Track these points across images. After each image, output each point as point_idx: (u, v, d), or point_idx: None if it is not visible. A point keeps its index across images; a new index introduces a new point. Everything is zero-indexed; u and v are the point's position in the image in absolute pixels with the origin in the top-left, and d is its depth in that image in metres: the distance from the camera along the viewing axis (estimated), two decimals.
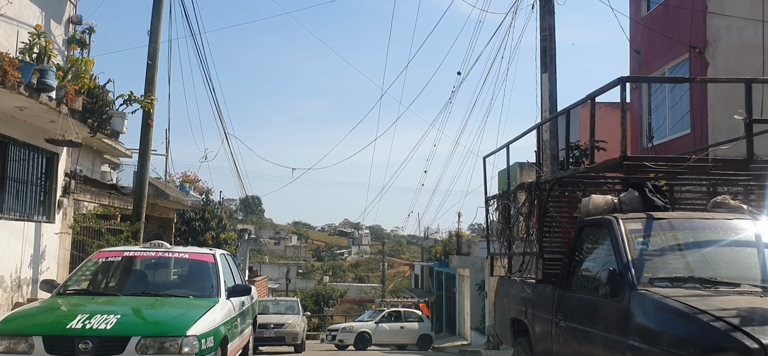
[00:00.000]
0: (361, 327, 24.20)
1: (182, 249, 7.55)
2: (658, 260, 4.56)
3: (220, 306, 6.47)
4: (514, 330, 6.90)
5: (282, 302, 22.44)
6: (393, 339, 24.63)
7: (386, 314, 24.98)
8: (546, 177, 11.60)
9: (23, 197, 9.70)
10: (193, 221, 19.24)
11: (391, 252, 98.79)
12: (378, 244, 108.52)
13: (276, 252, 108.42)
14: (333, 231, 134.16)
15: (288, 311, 21.14)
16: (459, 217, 31.85)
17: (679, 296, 3.96)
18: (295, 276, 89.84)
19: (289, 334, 19.41)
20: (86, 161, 18.52)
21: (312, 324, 38.38)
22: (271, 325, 19.44)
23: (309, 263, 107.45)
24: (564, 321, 5.22)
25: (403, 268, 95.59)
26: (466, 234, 32.61)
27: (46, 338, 5.29)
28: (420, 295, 40.06)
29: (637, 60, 13.93)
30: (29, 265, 9.79)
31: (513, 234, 7.52)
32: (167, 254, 7.24)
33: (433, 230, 41.20)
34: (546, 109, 11.93)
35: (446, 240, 33.25)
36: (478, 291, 26.34)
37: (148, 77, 11.18)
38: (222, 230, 19.55)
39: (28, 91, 7.92)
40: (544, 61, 11.95)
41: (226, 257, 8.10)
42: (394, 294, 75.34)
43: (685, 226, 4.89)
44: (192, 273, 7.31)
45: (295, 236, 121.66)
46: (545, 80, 11.94)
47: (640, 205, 5.42)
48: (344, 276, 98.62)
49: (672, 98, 13.35)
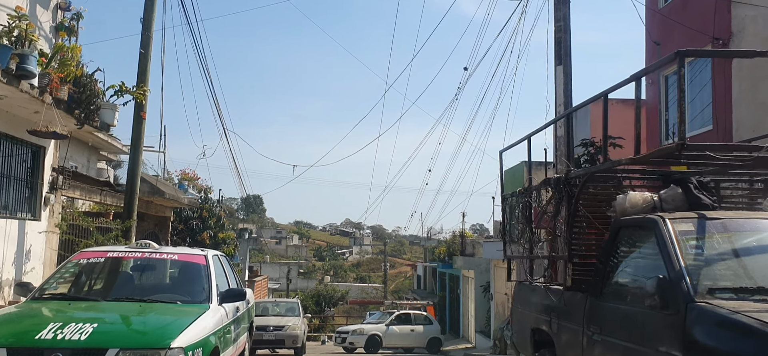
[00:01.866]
0: (371, 330, 23.58)
1: (171, 250, 6.91)
2: (716, 267, 3.92)
3: (211, 313, 5.84)
4: (534, 341, 6.27)
5: (282, 303, 21.81)
6: (403, 342, 24.04)
7: (396, 316, 24.37)
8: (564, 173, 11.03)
9: (6, 193, 9.09)
10: (191, 220, 18.63)
11: (393, 252, 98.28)
12: (379, 244, 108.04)
13: (277, 252, 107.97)
14: (334, 231, 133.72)
15: (288, 313, 20.51)
16: (463, 217, 31.22)
17: (751, 311, 3.33)
18: (297, 275, 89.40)
19: (289, 337, 18.77)
20: (80, 157, 17.92)
21: (313, 325, 37.74)
22: (271, 328, 18.81)
23: (310, 262, 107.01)
24: (599, 335, 4.58)
25: (404, 268, 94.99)
26: (470, 235, 31.96)
27: (12, 350, 4.66)
28: (423, 296, 39.42)
29: (656, 51, 13.28)
30: (12, 265, 9.17)
31: (534, 236, 6.86)
32: (155, 255, 6.61)
33: (437, 231, 40.61)
34: (560, 103, 11.30)
35: (450, 241, 32.61)
36: (482, 293, 25.73)
37: (141, 67, 10.56)
38: (220, 230, 18.94)
39: (6, 77, 7.30)
40: (559, 53, 11.32)
41: (219, 258, 7.46)
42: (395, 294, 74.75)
43: (743, 228, 4.25)
44: (181, 275, 6.68)
45: (296, 235, 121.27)
46: (560, 73, 11.31)
47: (683, 203, 4.78)
48: (346, 276, 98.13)
49: (691, 91, 12.70)
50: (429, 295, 38.78)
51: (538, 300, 6.18)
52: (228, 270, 7.56)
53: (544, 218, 6.36)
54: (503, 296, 21.81)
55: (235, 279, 7.96)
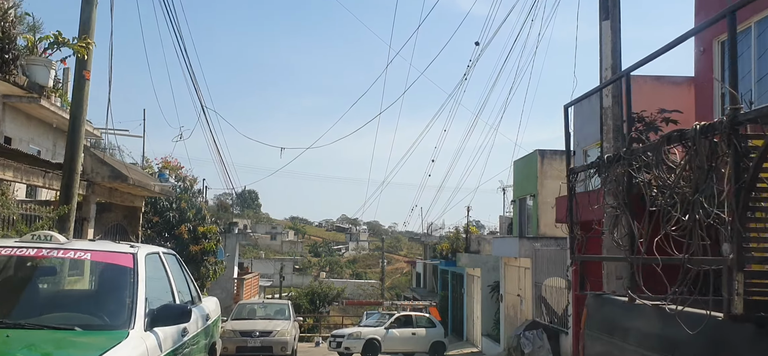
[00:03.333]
0: (369, 334, 21.45)
1: (84, 246, 4.74)
2: None
3: (130, 347, 3.72)
4: None
5: (270, 305, 19.71)
6: (404, 347, 21.93)
7: (396, 318, 22.25)
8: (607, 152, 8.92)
9: None
10: (167, 212, 16.48)
11: (389, 249, 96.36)
12: (376, 240, 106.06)
13: (272, 247, 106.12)
14: (331, 227, 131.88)
15: (277, 315, 18.41)
16: (468, 211, 29.09)
17: None
18: (292, 271, 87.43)
19: (278, 343, 16.68)
20: (45, 141, 15.67)
21: (306, 325, 35.61)
22: (256, 333, 16.71)
23: (306, 258, 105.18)
24: None
25: (401, 264, 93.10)
26: (475, 230, 29.86)
27: None
28: (423, 295, 37.31)
29: None
30: None
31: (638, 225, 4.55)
32: (56, 252, 4.47)
33: (438, 226, 38.53)
34: (607, 67, 9.16)
35: (453, 236, 30.49)
36: (490, 294, 23.64)
37: (84, 16, 8.39)
38: (201, 223, 16.80)
39: None
40: (605, 4, 9.18)
41: (163, 258, 5.28)
42: (392, 291, 72.66)
43: None
44: (95, 285, 4.55)
45: (292, 231, 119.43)
46: (606, 30, 9.17)
47: None
48: (342, 272, 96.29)
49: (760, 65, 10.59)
50: (429, 294, 36.67)
51: (652, 328, 3.84)
52: (176, 277, 5.39)
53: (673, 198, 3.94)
54: (515, 297, 19.71)
55: (189, 288, 5.80)
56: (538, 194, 21.07)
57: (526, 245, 17.53)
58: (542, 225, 21.01)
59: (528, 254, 17.55)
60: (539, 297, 17.44)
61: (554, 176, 21.22)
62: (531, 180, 21.83)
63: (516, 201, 23.91)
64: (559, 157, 21.45)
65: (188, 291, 5.72)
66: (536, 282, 17.54)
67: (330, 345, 21.88)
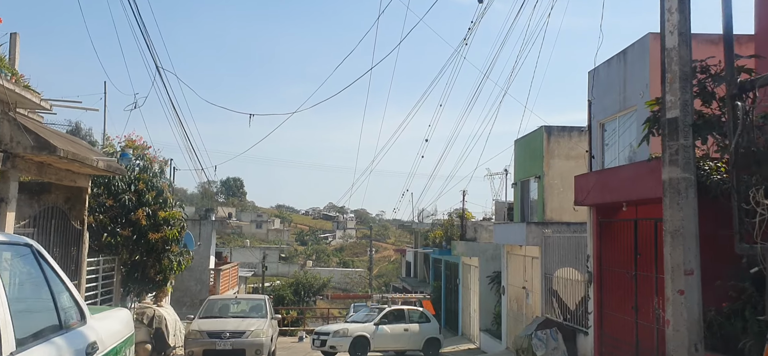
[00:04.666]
0: (357, 330, 19.29)
1: None
2: None
3: None
4: None
5: (244, 301, 17.47)
6: (395, 345, 19.85)
7: (387, 313, 20.12)
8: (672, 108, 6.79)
9: None
10: (123, 195, 14.16)
11: (377, 237, 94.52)
12: (364, 228, 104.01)
13: (258, 236, 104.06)
14: (317, 215, 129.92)
15: (252, 313, 16.20)
16: (464, 195, 26.97)
17: None
18: (278, 260, 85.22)
19: (252, 346, 14.49)
20: None
21: (290, 318, 33.46)
22: (227, 334, 14.50)
23: (292, 247, 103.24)
24: None
25: (388, 252, 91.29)
26: (470, 215, 27.78)
27: None
28: (413, 285, 35.29)
29: None
30: None
31: None
32: None
33: (429, 213, 36.37)
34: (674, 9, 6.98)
35: (447, 223, 28.41)
36: (489, 285, 21.60)
37: None
38: (161, 207, 14.51)
39: None
40: None
41: (35, 254, 3.02)
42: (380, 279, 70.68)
43: None
44: None
45: (278, 219, 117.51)
46: None
47: None
48: (328, 261, 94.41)
49: None
50: (421, 284, 34.64)
51: None
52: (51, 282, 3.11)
53: None
54: (519, 290, 17.67)
55: (68, 298, 3.55)
56: (545, 175, 18.99)
57: (535, 231, 15.45)
58: (549, 210, 18.97)
59: (537, 242, 15.47)
60: (549, 290, 15.39)
61: (562, 156, 19.15)
62: (536, 160, 19.74)
63: (517, 184, 21.84)
64: (567, 134, 19.37)
65: (68, 302, 3.50)
66: (546, 274, 15.48)
67: (313, 343, 19.73)
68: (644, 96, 12.94)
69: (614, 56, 14.37)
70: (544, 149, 19.13)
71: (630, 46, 13.65)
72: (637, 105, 13.19)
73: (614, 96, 14.25)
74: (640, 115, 13.10)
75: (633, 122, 13.52)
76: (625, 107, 13.76)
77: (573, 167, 19.11)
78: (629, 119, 13.80)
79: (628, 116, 13.77)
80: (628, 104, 13.67)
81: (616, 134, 14.33)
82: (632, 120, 13.54)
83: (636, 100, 13.21)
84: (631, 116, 13.65)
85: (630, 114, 13.64)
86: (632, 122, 13.61)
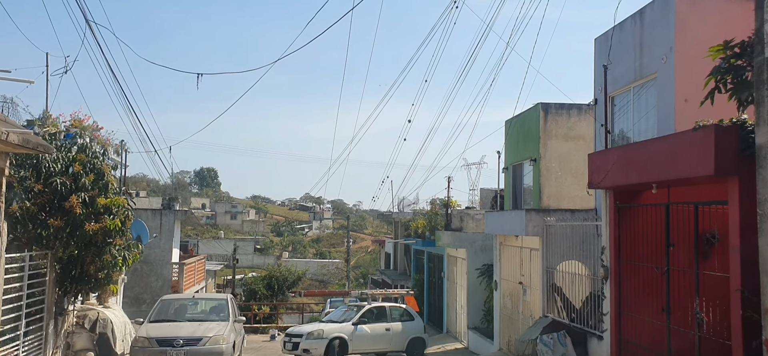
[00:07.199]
0: (334, 331, 17.26)
1: None
2: None
3: None
4: None
5: (204, 301, 15.30)
6: (376, 346, 17.88)
7: (367, 311, 18.12)
8: None
9: None
10: (54, 178, 11.89)
11: (354, 227, 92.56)
12: (341, 219, 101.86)
13: (233, 227, 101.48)
14: (293, 206, 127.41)
15: (212, 315, 14.06)
16: (449, 182, 25.07)
17: None
18: (253, 252, 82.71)
19: (210, 354, 12.39)
20: None
21: (262, 314, 31.33)
22: (180, 341, 12.36)
23: (268, 238, 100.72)
24: None
25: (366, 243, 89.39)
26: (455, 203, 25.88)
27: None
28: (393, 278, 33.36)
29: None
30: None
31: None
32: None
33: (411, 201, 34.48)
34: None
35: (431, 212, 26.47)
36: (478, 279, 19.73)
37: None
38: (101, 193, 12.30)
39: None
40: None
41: None
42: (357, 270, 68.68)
43: None
44: None
45: (253, 210, 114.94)
46: None
47: None
48: (305, 252, 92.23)
49: None
50: (401, 277, 32.71)
51: None
52: None
53: None
54: (515, 286, 15.80)
55: None
56: (542, 157, 17.12)
57: (536, 219, 13.56)
58: (546, 197, 17.11)
59: (537, 231, 13.59)
60: (551, 286, 13.53)
61: (561, 136, 17.29)
62: (531, 142, 17.86)
63: (509, 168, 19.94)
64: (566, 112, 17.51)
65: None
66: (548, 267, 13.61)
67: (284, 346, 17.66)
68: (668, 62, 11.12)
69: (628, 18, 12.50)
70: (541, 128, 17.25)
71: (648, 5, 11.78)
72: (657, 72, 11.36)
73: (628, 64, 12.39)
74: (660, 83, 11.28)
75: (651, 92, 11.70)
76: (642, 76, 11.91)
77: (572, 148, 17.29)
78: (646, 89, 11.97)
79: (646, 85, 11.94)
80: (645, 72, 11.83)
81: (631, 108, 12.50)
82: (651, 90, 11.71)
83: (656, 66, 11.37)
84: (649, 85, 11.81)
85: (649, 83, 11.79)
86: (650, 93, 11.79)
